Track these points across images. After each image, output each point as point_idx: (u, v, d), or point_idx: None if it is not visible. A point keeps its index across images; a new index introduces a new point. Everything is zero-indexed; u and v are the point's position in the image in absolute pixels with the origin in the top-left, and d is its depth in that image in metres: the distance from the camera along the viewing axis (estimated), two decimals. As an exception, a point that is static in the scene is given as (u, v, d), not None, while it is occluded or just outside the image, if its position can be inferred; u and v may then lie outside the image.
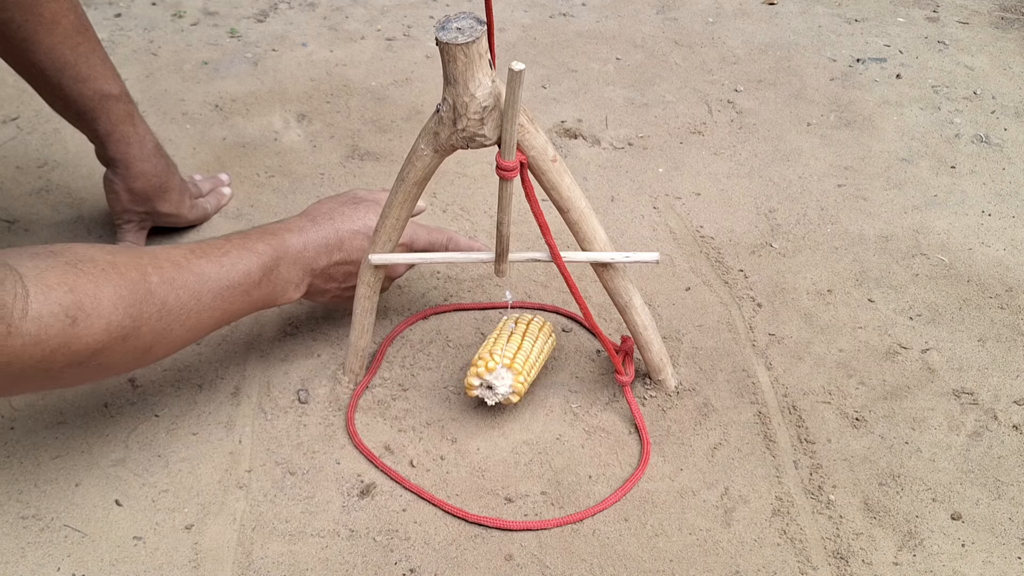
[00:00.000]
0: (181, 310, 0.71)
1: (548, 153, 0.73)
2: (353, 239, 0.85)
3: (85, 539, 0.77)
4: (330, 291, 0.87)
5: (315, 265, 0.83)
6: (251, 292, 0.78)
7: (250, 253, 0.78)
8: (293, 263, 0.81)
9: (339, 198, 0.88)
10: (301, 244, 0.82)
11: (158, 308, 0.69)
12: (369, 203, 0.87)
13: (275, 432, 0.86)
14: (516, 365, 0.82)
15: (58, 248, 0.66)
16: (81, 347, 0.64)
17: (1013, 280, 1.03)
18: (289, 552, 0.76)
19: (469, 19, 0.65)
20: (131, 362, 0.70)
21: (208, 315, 0.74)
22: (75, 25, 0.91)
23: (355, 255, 0.85)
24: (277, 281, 0.80)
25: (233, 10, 1.58)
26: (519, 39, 1.51)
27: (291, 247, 0.81)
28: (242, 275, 0.76)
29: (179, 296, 0.71)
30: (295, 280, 0.82)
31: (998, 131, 1.29)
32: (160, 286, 0.69)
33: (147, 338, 0.69)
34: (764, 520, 0.78)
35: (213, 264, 0.74)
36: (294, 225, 0.83)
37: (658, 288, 1.02)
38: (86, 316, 0.63)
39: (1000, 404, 0.89)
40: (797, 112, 1.34)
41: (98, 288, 0.64)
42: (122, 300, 0.66)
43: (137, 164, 0.99)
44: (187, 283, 0.72)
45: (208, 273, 0.74)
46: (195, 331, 0.74)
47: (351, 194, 0.89)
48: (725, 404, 0.88)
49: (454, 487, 0.81)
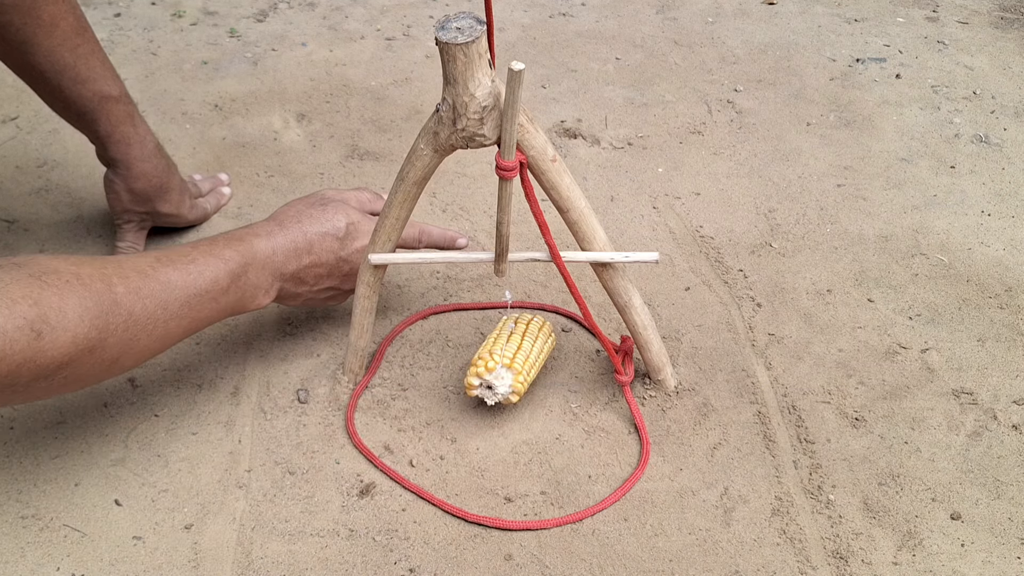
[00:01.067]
0: (148, 320, 0.70)
1: (548, 153, 0.73)
2: (322, 241, 0.84)
3: (85, 539, 0.77)
4: (301, 295, 0.86)
5: (284, 270, 0.82)
6: (219, 299, 0.77)
7: (217, 260, 0.77)
8: (262, 268, 0.80)
9: (306, 200, 0.87)
10: (270, 249, 0.81)
11: (124, 319, 0.68)
12: (337, 203, 0.87)
13: (275, 432, 0.86)
14: (516, 365, 0.82)
15: (21, 260, 0.65)
16: (47, 361, 0.63)
17: (1013, 280, 1.03)
18: (289, 552, 0.76)
19: (469, 19, 0.65)
20: (98, 374, 0.69)
21: (176, 324, 0.74)
22: (74, 27, 0.91)
23: (324, 257, 0.85)
24: (246, 287, 0.79)
25: (233, 10, 1.58)
26: (519, 39, 1.51)
27: (259, 252, 0.80)
28: (209, 282, 0.75)
29: (145, 306, 0.70)
30: (264, 286, 0.81)
31: (998, 131, 1.29)
32: (126, 296, 0.68)
33: (114, 350, 0.68)
34: (764, 520, 0.78)
35: (180, 272, 0.74)
36: (262, 230, 0.82)
37: (658, 288, 1.02)
38: (51, 329, 0.62)
39: (1000, 404, 0.89)
40: (797, 112, 1.34)
41: (63, 300, 0.63)
42: (88, 312, 0.65)
43: (138, 165, 0.99)
44: (153, 292, 0.71)
45: (175, 281, 0.73)
46: (163, 340, 0.73)
47: (318, 195, 0.88)
48: (725, 404, 0.89)
49: (454, 487, 0.81)
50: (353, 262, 0.87)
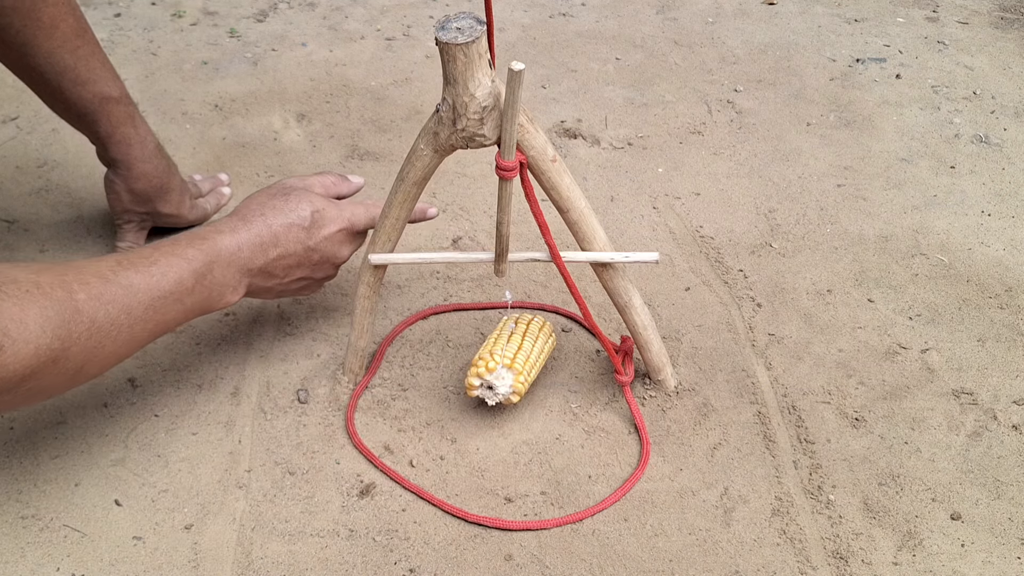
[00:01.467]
0: (111, 326, 0.69)
1: (548, 153, 0.73)
2: (288, 232, 0.82)
3: (85, 539, 0.77)
4: (272, 288, 0.85)
5: (252, 265, 0.81)
6: (184, 300, 0.75)
7: (180, 259, 0.75)
8: (227, 265, 0.79)
9: (268, 191, 0.85)
10: (235, 245, 0.79)
11: (87, 326, 0.66)
12: (300, 192, 0.85)
13: (275, 432, 0.86)
14: (516, 365, 0.82)
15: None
16: (9, 374, 0.61)
17: (1013, 280, 1.03)
18: (289, 552, 0.76)
19: (469, 19, 0.65)
20: (63, 384, 0.68)
21: (141, 328, 0.72)
22: (74, 28, 0.91)
23: (292, 247, 0.83)
24: (212, 286, 0.78)
25: (233, 10, 1.58)
26: (519, 39, 1.51)
27: (224, 249, 0.78)
28: (173, 283, 0.74)
29: (108, 311, 0.68)
30: (231, 283, 0.80)
31: (998, 131, 1.29)
32: (88, 303, 0.67)
33: (78, 358, 0.67)
34: (764, 520, 0.78)
35: (142, 274, 0.72)
36: (225, 226, 0.80)
37: (658, 288, 1.02)
38: (12, 342, 0.60)
39: (1000, 404, 0.89)
40: (797, 112, 1.34)
41: (23, 311, 0.62)
42: (49, 321, 0.63)
43: (138, 165, 0.99)
44: (116, 297, 0.69)
45: (137, 284, 0.71)
46: (128, 345, 0.72)
47: (280, 185, 0.86)
48: (725, 404, 0.88)
49: (454, 487, 0.81)
50: (322, 250, 0.85)
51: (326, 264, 0.86)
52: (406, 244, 1.07)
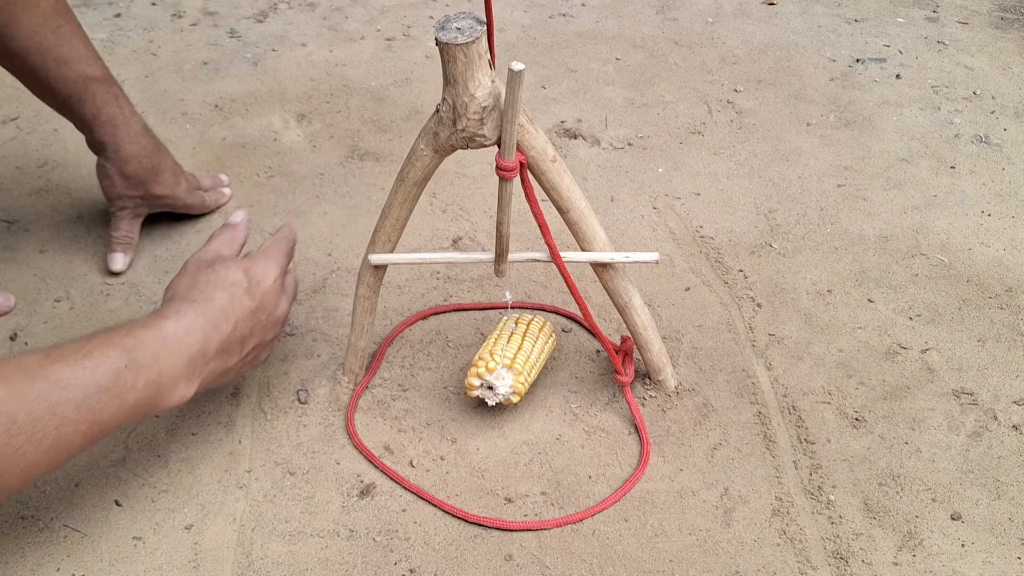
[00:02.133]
0: (34, 428, 0.60)
1: (548, 153, 0.73)
2: (232, 302, 0.75)
3: (85, 539, 0.77)
4: (233, 367, 0.77)
5: (206, 349, 0.72)
6: (124, 396, 0.66)
7: (117, 350, 0.66)
8: (176, 354, 0.69)
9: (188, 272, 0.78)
10: (183, 330, 0.70)
11: (5, 428, 0.58)
12: (219, 261, 0.79)
13: (275, 432, 0.86)
14: (517, 365, 0.82)
15: None
16: None
17: (1013, 280, 1.03)
18: (289, 552, 0.76)
19: (469, 19, 0.65)
20: None
21: (72, 430, 0.63)
22: (54, 7, 0.90)
23: (241, 314, 0.76)
24: (159, 379, 0.68)
25: (233, 10, 1.58)
26: (519, 39, 1.51)
27: (170, 336, 0.70)
28: (110, 377, 0.65)
29: (31, 411, 0.60)
30: (182, 375, 0.70)
31: (998, 131, 1.29)
32: (6, 401, 0.59)
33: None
34: (764, 520, 0.78)
35: (72, 368, 0.63)
36: (168, 311, 0.72)
37: (658, 288, 1.02)
38: None
39: (1000, 404, 0.89)
40: (797, 112, 1.34)
41: None
42: None
43: (126, 146, 0.98)
44: (40, 394, 0.61)
45: (67, 379, 0.62)
46: (56, 452, 0.63)
47: (195, 262, 0.79)
48: (725, 404, 0.88)
49: (454, 487, 0.81)
50: (267, 308, 0.78)
51: (272, 322, 0.80)
52: (406, 244, 1.07)
